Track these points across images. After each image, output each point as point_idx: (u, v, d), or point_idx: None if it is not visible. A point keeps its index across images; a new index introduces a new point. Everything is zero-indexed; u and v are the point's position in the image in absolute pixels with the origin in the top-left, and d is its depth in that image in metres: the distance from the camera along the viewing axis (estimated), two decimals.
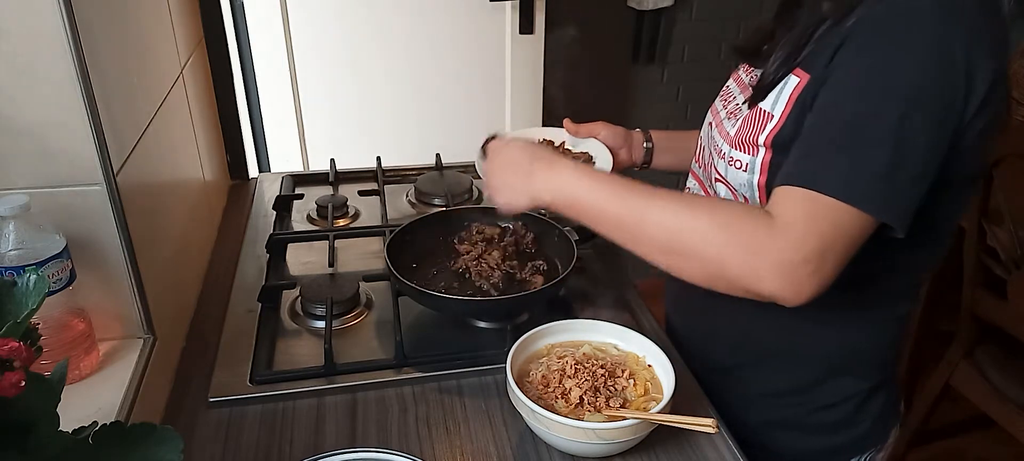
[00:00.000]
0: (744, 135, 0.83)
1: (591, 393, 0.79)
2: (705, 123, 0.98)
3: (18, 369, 0.47)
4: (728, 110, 0.91)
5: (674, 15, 2.42)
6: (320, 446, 0.81)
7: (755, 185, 0.82)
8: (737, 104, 0.90)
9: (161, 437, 0.52)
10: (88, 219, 0.75)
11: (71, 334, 0.75)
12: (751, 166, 0.82)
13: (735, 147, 0.84)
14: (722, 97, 0.97)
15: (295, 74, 1.99)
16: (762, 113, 0.82)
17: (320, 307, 1.01)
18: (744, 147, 0.83)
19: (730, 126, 0.88)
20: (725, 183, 0.87)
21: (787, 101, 0.79)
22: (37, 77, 0.68)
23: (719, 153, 0.88)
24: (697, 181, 0.98)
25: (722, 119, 0.92)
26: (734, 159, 0.84)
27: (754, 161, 0.82)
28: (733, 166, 0.85)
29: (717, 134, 0.90)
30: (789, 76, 0.80)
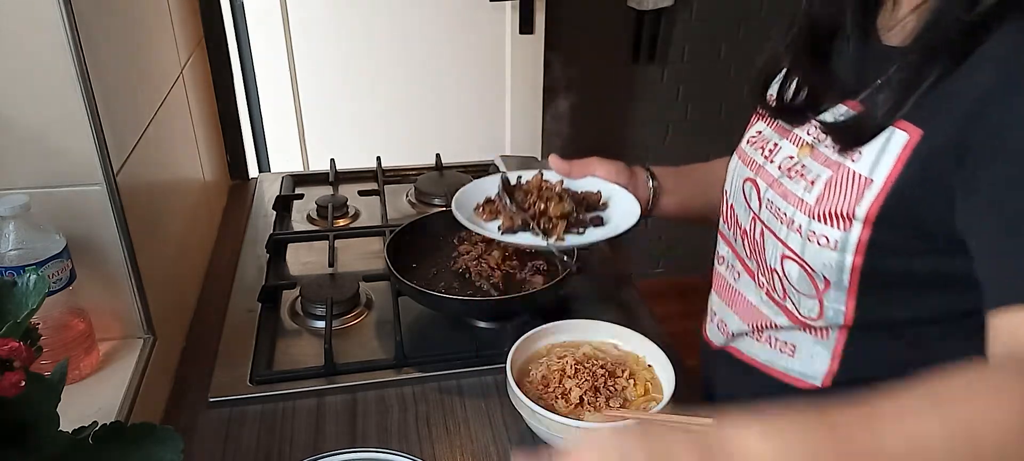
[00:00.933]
0: (832, 204, 0.67)
1: (591, 393, 0.79)
2: (732, 174, 0.84)
3: (18, 369, 0.47)
4: (784, 167, 0.76)
5: (674, 15, 2.42)
6: (320, 446, 0.81)
7: (847, 267, 0.68)
8: (792, 160, 0.75)
9: (161, 437, 0.53)
10: (88, 219, 0.75)
11: (71, 334, 0.75)
12: (843, 244, 0.67)
13: (818, 219, 0.69)
14: (755, 145, 0.82)
15: (295, 74, 1.99)
16: (855, 177, 0.66)
17: (320, 307, 1.01)
18: (832, 220, 0.68)
19: (801, 189, 0.72)
20: (800, 263, 0.71)
21: (893, 163, 0.64)
22: (37, 77, 0.68)
23: (787, 222, 0.72)
24: (729, 246, 0.84)
25: (775, 177, 0.76)
26: (816, 234, 0.69)
27: (846, 238, 0.67)
28: (814, 242, 0.69)
29: (776, 197, 0.75)
30: (893, 130, 0.64)
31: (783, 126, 0.79)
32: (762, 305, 0.80)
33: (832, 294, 0.70)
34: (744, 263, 0.82)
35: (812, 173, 0.71)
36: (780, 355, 0.79)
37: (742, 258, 0.82)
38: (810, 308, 0.73)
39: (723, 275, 0.87)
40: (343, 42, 1.98)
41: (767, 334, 0.80)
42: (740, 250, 0.83)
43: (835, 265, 0.68)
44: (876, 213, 0.65)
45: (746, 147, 0.84)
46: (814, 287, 0.71)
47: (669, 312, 1.15)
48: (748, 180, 0.81)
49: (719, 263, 0.89)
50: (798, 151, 0.75)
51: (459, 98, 2.12)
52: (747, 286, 0.82)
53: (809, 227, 0.69)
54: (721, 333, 0.87)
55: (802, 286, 0.72)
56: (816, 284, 0.71)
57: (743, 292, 0.83)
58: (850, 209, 0.66)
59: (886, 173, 0.64)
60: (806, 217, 0.70)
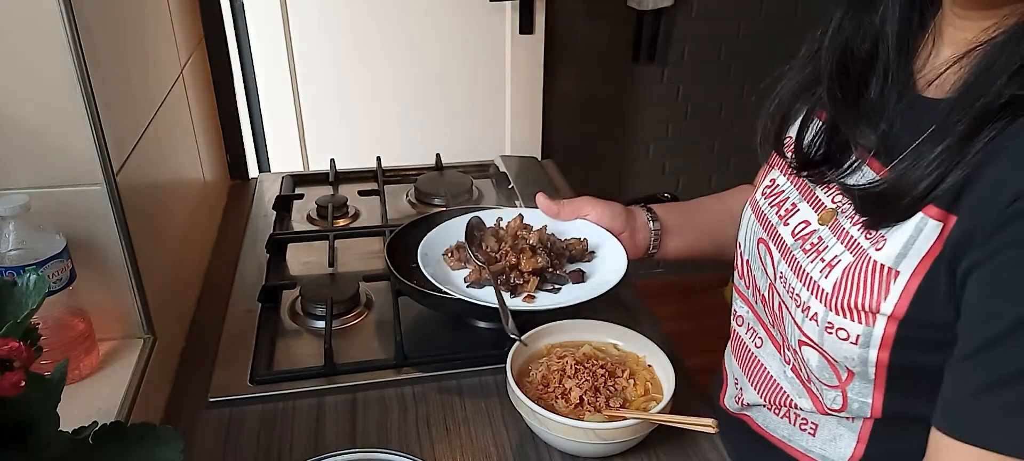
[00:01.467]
0: (852, 298, 0.60)
1: (591, 393, 0.79)
2: (747, 228, 0.77)
3: (18, 369, 0.47)
4: (796, 232, 0.68)
5: (674, 15, 2.42)
6: (320, 446, 0.81)
7: (871, 362, 0.60)
8: (807, 223, 0.67)
9: (161, 437, 0.52)
10: (88, 219, 0.75)
11: (71, 334, 0.75)
12: (866, 339, 0.60)
13: (836, 311, 0.61)
14: (770, 199, 0.73)
15: (295, 74, 1.99)
16: (879, 269, 0.58)
17: (320, 307, 1.01)
18: (852, 314, 0.60)
19: (817, 271, 0.63)
20: (820, 352, 0.64)
21: (923, 256, 0.56)
22: (37, 77, 0.68)
23: (802, 306, 0.65)
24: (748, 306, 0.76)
25: (789, 246, 0.68)
26: (835, 326, 0.61)
27: (870, 333, 0.59)
28: (833, 334, 0.62)
29: (789, 274, 0.67)
30: (926, 219, 0.56)
31: (803, 181, 0.70)
32: (785, 381, 0.73)
33: (856, 386, 0.64)
34: (767, 329, 0.74)
35: (830, 252, 0.63)
36: (800, 433, 0.73)
37: (764, 324, 0.75)
38: (833, 399, 0.66)
39: (743, 339, 0.79)
40: (343, 42, 1.98)
41: (786, 409, 0.74)
42: (762, 314, 0.75)
43: (858, 358, 0.61)
44: (904, 311, 0.57)
45: (760, 200, 0.75)
46: (837, 377, 0.64)
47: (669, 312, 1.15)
48: (761, 241, 0.73)
49: (738, 324, 0.81)
50: (818, 217, 0.67)
51: (459, 98, 2.12)
52: (771, 356, 0.75)
53: (826, 318, 0.62)
54: (736, 403, 0.82)
55: (823, 375, 0.66)
56: (838, 374, 0.64)
57: (765, 363, 0.76)
58: (874, 304, 0.58)
59: (914, 266, 0.56)
60: (823, 307, 0.62)
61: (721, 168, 2.67)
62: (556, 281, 0.86)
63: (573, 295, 0.84)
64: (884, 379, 0.61)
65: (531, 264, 0.84)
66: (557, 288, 0.86)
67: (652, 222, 0.90)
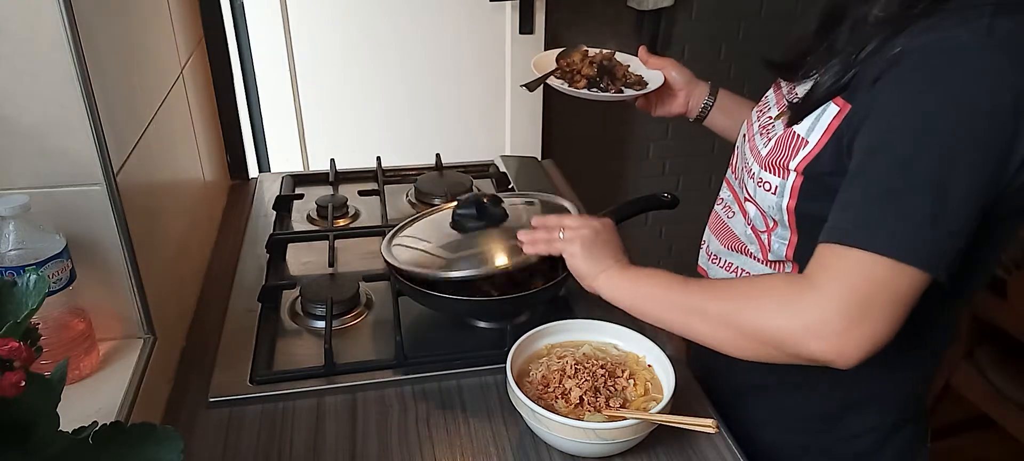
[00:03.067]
0: (775, 158, 0.80)
1: (591, 393, 0.79)
2: (740, 133, 0.96)
3: (18, 369, 0.47)
4: (761, 124, 0.88)
5: (674, 15, 2.42)
6: (320, 446, 0.81)
7: (784, 208, 0.80)
8: (770, 119, 0.87)
9: (161, 437, 0.52)
10: (88, 219, 0.75)
11: (71, 334, 0.75)
12: (781, 189, 0.80)
13: (765, 168, 0.81)
14: (758, 108, 0.93)
15: (295, 74, 1.99)
16: (796, 137, 0.78)
17: (320, 307, 1.01)
18: (774, 169, 0.80)
19: (761, 144, 0.84)
20: (754, 203, 0.85)
21: (824, 130, 0.75)
22: (37, 77, 0.68)
23: (749, 172, 0.85)
24: (731, 192, 0.94)
25: (754, 133, 0.88)
26: (763, 180, 0.82)
27: (784, 185, 0.79)
28: (762, 187, 0.82)
29: (748, 150, 0.88)
30: (829, 103, 0.76)
31: (782, 95, 0.89)
32: (744, 237, 0.91)
33: (779, 232, 0.83)
34: (740, 203, 0.92)
35: (774, 132, 0.84)
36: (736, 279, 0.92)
37: (739, 199, 0.93)
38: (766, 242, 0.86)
39: (718, 213, 0.98)
40: (343, 42, 1.98)
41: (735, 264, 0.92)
42: (738, 190, 0.93)
43: (776, 206, 0.81)
44: (803, 168, 0.77)
45: (753, 113, 0.95)
46: (766, 224, 0.84)
47: None
48: (743, 135, 0.93)
49: (718, 204, 1.00)
50: (777, 115, 0.86)
51: (459, 98, 2.12)
52: (737, 221, 0.93)
53: (759, 174, 0.83)
54: (706, 257, 0.99)
55: (758, 223, 0.86)
56: (767, 222, 0.84)
57: (733, 226, 0.93)
58: (786, 162, 0.79)
59: (818, 137, 0.76)
60: (758, 166, 0.83)
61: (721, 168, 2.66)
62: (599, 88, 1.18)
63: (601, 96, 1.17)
64: (795, 225, 0.80)
65: (587, 71, 1.19)
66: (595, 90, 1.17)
67: (709, 98, 1.14)
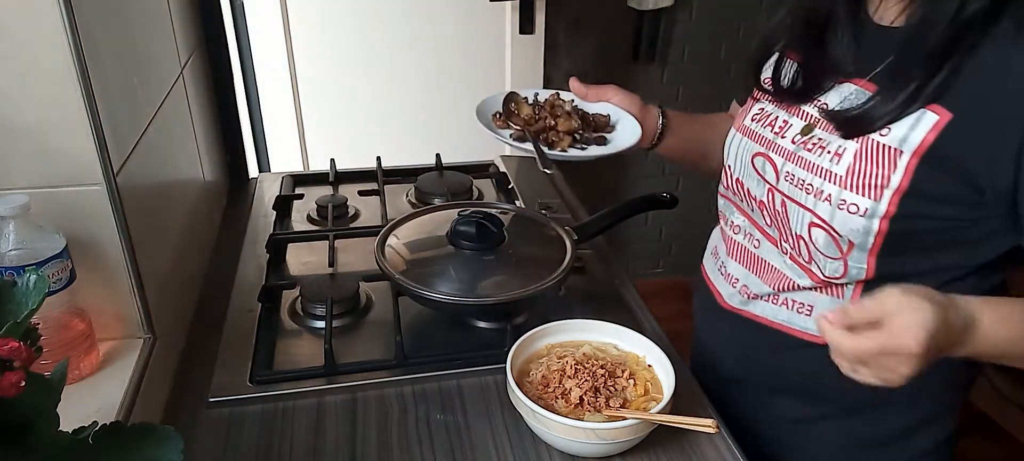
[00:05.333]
0: (864, 176, 0.73)
1: (591, 393, 0.79)
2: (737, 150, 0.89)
3: (18, 369, 0.47)
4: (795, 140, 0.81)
5: (674, 15, 2.42)
6: (320, 446, 0.81)
7: (873, 231, 0.75)
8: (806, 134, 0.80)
9: (161, 437, 0.52)
10: (88, 219, 0.75)
11: (71, 334, 0.75)
12: (872, 211, 0.74)
13: (849, 188, 0.74)
14: (761, 122, 0.87)
15: (295, 74, 1.99)
16: (887, 151, 0.72)
17: (320, 307, 1.01)
18: (863, 189, 0.73)
19: (826, 160, 0.77)
20: (827, 229, 0.77)
21: (920, 140, 0.70)
22: (37, 77, 0.68)
23: (814, 192, 0.77)
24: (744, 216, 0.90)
25: (792, 150, 0.81)
26: (847, 202, 0.75)
27: (876, 206, 0.73)
28: (844, 210, 0.75)
29: (798, 169, 0.80)
30: (924, 111, 0.71)
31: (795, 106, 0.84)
32: (785, 268, 0.86)
33: (855, 255, 0.78)
34: (764, 231, 0.88)
35: (834, 145, 0.77)
36: (797, 315, 0.87)
37: (761, 227, 0.88)
38: (834, 269, 0.80)
39: (742, 244, 0.93)
40: (343, 42, 1.98)
41: (785, 296, 0.87)
42: (759, 220, 0.88)
43: (862, 229, 0.75)
44: (907, 185, 0.72)
45: (751, 124, 0.89)
46: (839, 250, 0.78)
47: (669, 312, 1.15)
48: (759, 155, 0.86)
49: (735, 233, 0.94)
50: (805, 126, 0.81)
51: (459, 98, 2.11)
52: (770, 252, 0.88)
53: (840, 196, 0.75)
54: (742, 295, 0.92)
55: (829, 250, 0.79)
56: (841, 247, 0.78)
57: (766, 258, 0.89)
58: (883, 179, 0.72)
59: (915, 146, 0.71)
60: (837, 187, 0.75)
61: None
62: (584, 142, 1.03)
63: (597, 151, 1.02)
64: (879, 246, 0.76)
65: (566, 125, 1.03)
66: (584, 147, 1.03)
67: (661, 119, 1.05)
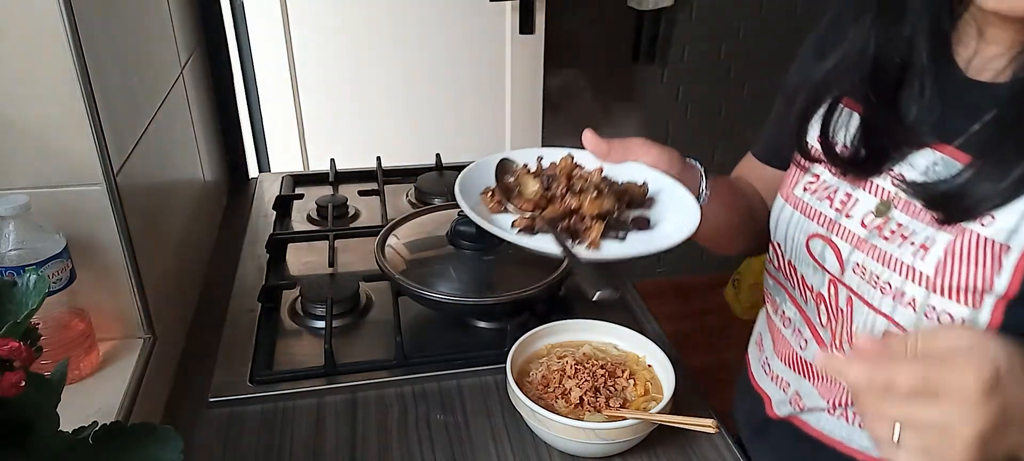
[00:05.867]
0: (959, 278, 0.57)
1: (591, 393, 0.79)
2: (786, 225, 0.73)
3: (18, 369, 0.47)
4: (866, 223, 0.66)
5: (674, 15, 2.42)
6: (320, 446, 0.81)
7: None
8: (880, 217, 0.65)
9: (161, 437, 0.52)
10: (88, 219, 0.75)
11: (71, 334, 0.75)
12: (970, 322, 0.58)
13: (940, 293, 0.59)
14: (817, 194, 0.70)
15: (295, 74, 1.99)
16: (988, 244, 0.56)
17: (320, 307, 1.01)
18: (960, 295, 0.58)
19: (909, 254, 0.61)
20: None
21: None
22: (37, 77, 0.68)
23: (893, 293, 0.63)
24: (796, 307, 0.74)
25: (862, 237, 0.66)
26: (937, 309, 0.59)
27: (975, 316, 0.57)
28: (934, 319, 0.60)
29: (870, 262, 0.65)
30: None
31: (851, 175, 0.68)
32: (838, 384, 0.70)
33: None
34: (815, 331, 0.72)
35: (921, 235, 0.61)
36: (860, 431, 0.71)
37: (813, 324, 0.72)
38: None
39: (790, 341, 0.76)
40: (343, 42, 1.98)
41: (843, 410, 0.72)
42: (812, 315, 0.72)
43: None
44: (1016, 291, 0.55)
45: (804, 196, 0.72)
46: None
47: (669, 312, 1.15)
48: (817, 236, 0.69)
49: (784, 325, 0.78)
50: (878, 205, 0.64)
51: (459, 98, 2.12)
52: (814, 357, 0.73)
53: (927, 301, 0.60)
54: (793, 406, 0.77)
55: None
56: None
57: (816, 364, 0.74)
58: (985, 283, 0.56)
59: None
60: (923, 290, 0.60)
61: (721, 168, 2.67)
62: (619, 228, 0.71)
63: (645, 244, 0.69)
64: None
65: (595, 207, 0.69)
66: (622, 236, 0.70)
67: (705, 181, 0.78)
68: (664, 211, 0.73)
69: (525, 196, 0.73)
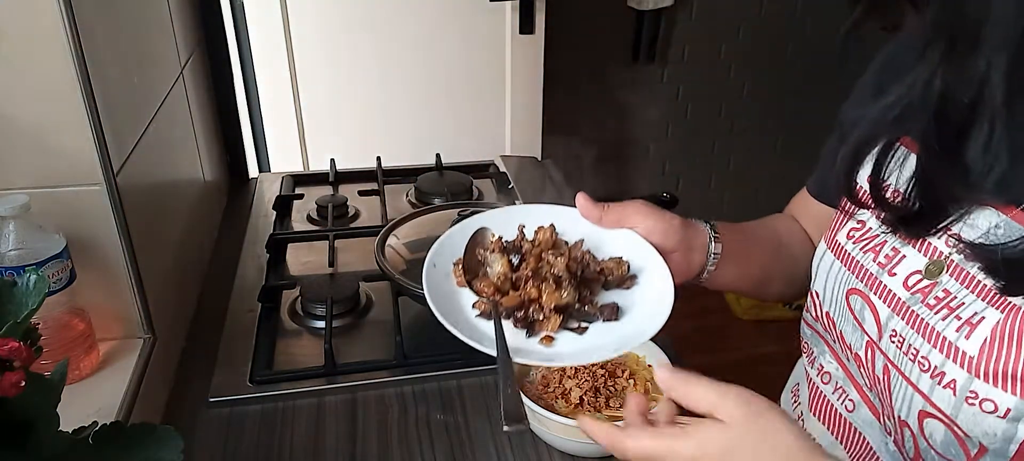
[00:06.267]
0: (1007, 362, 0.51)
1: (591, 393, 0.79)
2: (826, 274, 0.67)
3: (18, 369, 0.47)
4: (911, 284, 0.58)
5: (674, 15, 2.42)
6: (320, 446, 0.81)
7: (1017, 439, 0.52)
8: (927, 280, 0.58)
9: (161, 437, 0.53)
10: (88, 219, 0.75)
11: (71, 334, 0.75)
12: (1017, 413, 0.51)
13: (983, 378, 0.52)
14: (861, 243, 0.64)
15: (295, 74, 1.99)
16: None
17: (320, 307, 1.01)
18: (1003, 381, 0.51)
19: (952, 330, 0.54)
20: (950, 426, 0.55)
21: None
22: (37, 77, 0.68)
23: (931, 371, 0.56)
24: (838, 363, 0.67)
25: (904, 300, 0.59)
26: (979, 396, 0.52)
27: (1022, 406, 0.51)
28: (975, 405, 0.53)
29: (909, 332, 0.58)
30: None
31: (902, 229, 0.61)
32: (887, 455, 0.64)
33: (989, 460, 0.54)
34: (864, 394, 0.65)
35: (968, 308, 0.54)
36: None
37: (860, 386, 0.65)
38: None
39: (832, 401, 0.69)
40: (343, 42, 1.98)
41: None
42: (857, 376, 0.65)
43: (1002, 434, 0.52)
44: None
45: (847, 244, 0.65)
46: (966, 454, 0.55)
47: None
48: (856, 292, 0.63)
49: (824, 381, 0.70)
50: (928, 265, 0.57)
51: (459, 98, 2.12)
52: (868, 425, 0.65)
53: (969, 385, 0.53)
54: None
55: (949, 452, 0.56)
56: (968, 451, 0.55)
57: (863, 432, 0.66)
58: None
59: None
60: (965, 373, 0.53)
61: (721, 168, 2.67)
62: (583, 318, 0.66)
63: (600, 340, 0.64)
64: None
65: (554, 299, 0.64)
66: (583, 328, 0.66)
67: (714, 242, 0.72)
68: (641, 295, 0.68)
69: (489, 278, 0.69)
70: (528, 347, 0.65)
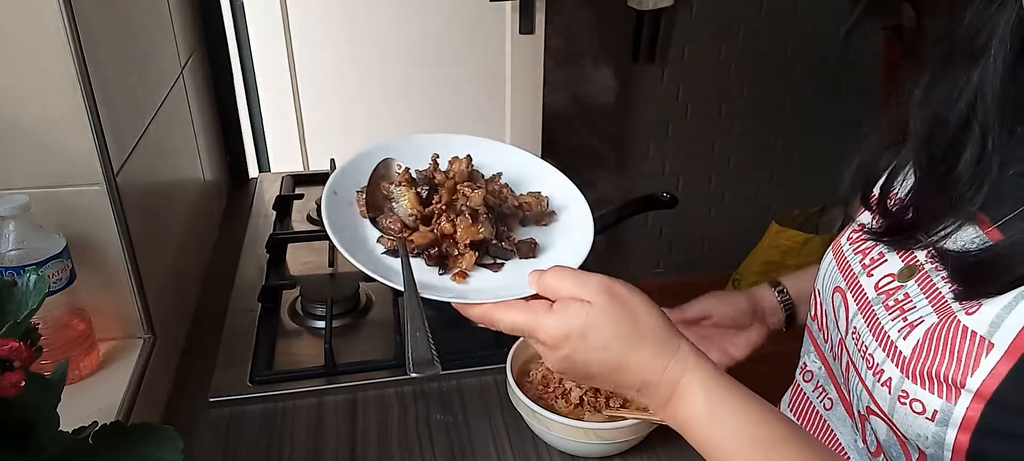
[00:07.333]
0: (935, 367, 0.52)
1: (591, 393, 0.79)
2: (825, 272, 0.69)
3: (18, 369, 0.47)
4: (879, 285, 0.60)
5: (674, 15, 2.42)
6: (320, 446, 0.81)
7: (948, 445, 0.52)
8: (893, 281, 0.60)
9: (161, 437, 0.52)
10: (88, 219, 0.75)
11: (71, 334, 0.75)
12: (944, 416, 0.51)
13: (912, 378, 0.53)
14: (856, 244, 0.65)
15: (295, 74, 1.99)
16: (968, 335, 0.50)
17: (320, 307, 1.01)
18: (932, 383, 0.52)
19: (896, 329, 0.56)
20: (887, 422, 0.57)
21: (1017, 332, 0.48)
22: (37, 77, 0.68)
23: (874, 368, 0.58)
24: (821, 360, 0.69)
25: (870, 299, 0.61)
26: (909, 396, 0.54)
27: (949, 410, 0.51)
28: (906, 405, 0.54)
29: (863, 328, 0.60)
30: None
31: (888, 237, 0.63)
32: (855, 453, 0.66)
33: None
34: (840, 390, 0.66)
35: (915, 312, 0.55)
36: None
37: (838, 383, 0.66)
38: None
39: (810, 397, 0.71)
40: (343, 42, 1.98)
41: None
42: (836, 371, 0.66)
43: (932, 438, 0.52)
44: (993, 392, 0.49)
45: (845, 246, 0.67)
46: (906, 456, 0.57)
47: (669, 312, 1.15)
48: (838, 290, 0.65)
49: (805, 380, 0.72)
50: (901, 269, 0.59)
51: (459, 98, 2.12)
52: (841, 421, 0.67)
53: (901, 385, 0.54)
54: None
55: (891, 452, 0.58)
56: (908, 454, 0.57)
57: (835, 429, 0.68)
58: (959, 377, 0.50)
59: (1011, 339, 0.48)
60: (898, 372, 0.54)
61: (721, 168, 2.67)
62: (499, 254, 0.63)
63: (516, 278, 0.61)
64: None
65: (470, 234, 0.61)
66: (499, 265, 0.63)
67: (781, 296, 0.82)
68: (562, 232, 0.67)
69: (396, 214, 0.65)
70: (440, 284, 0.62)
